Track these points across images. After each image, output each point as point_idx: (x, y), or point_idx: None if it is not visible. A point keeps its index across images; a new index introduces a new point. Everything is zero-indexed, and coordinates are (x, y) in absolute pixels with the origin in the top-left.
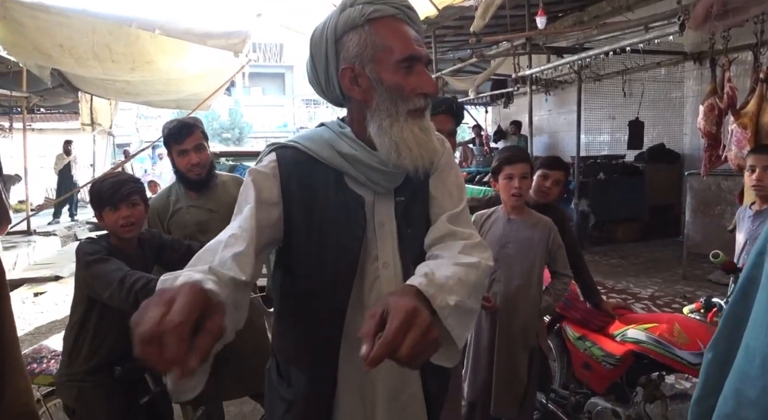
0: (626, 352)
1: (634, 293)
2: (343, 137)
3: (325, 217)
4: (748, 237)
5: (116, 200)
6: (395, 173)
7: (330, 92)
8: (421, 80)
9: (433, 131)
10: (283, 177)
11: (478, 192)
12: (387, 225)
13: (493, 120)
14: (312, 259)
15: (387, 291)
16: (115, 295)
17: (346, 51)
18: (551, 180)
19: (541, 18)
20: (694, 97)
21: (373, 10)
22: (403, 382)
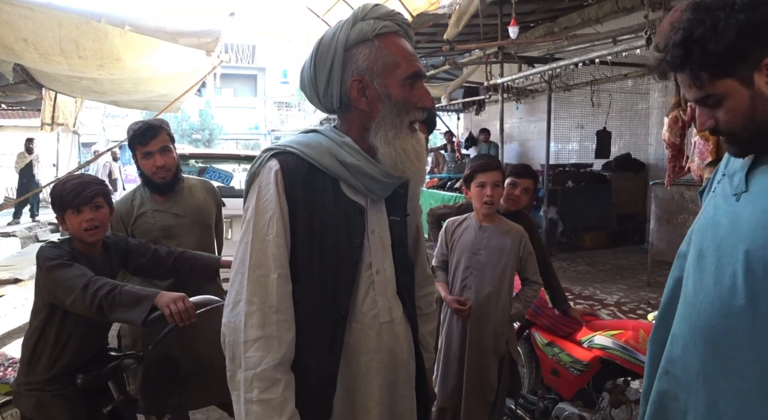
0: (593, 358)
1: (601, 299)
2: (344, 147)
3: (325, 224)
4: None
5: (79, 203)
6: (391, 183)
7: (326, 99)
8: (422, 95)
9: (424, 143)
10: (287, 185)
11: (449, 198)
12: (378, 233)
13: (465, 127)
14: (313, 266)
15: (380, 297)
16: (79, 301)
17: (355, 63)
18: (520, 188)
19: (513, 28)
20: (659, 108)
21: (383, 26)
22: (397, 390)
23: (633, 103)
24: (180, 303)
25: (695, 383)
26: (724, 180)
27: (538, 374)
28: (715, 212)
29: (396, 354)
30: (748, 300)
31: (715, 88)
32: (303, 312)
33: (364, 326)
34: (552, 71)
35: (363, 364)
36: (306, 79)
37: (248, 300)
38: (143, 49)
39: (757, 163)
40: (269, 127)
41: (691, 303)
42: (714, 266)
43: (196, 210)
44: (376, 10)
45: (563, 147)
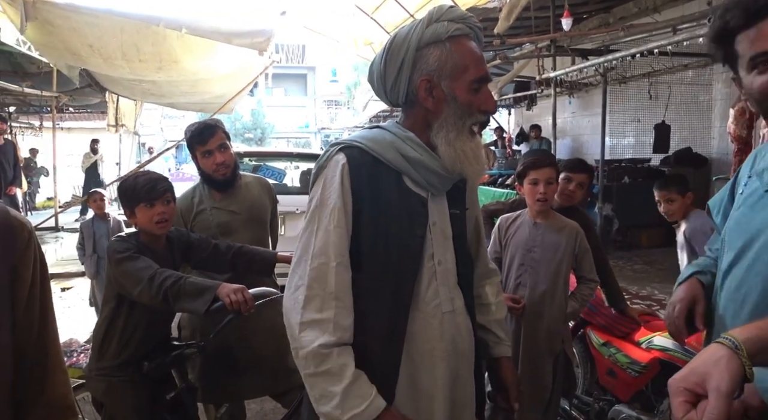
0: (652, 360)
1: (659, 300)
2: (408, 141)
3: (389, 215)
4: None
5: (153, 197)
6: (451, 178)
7: (392, 94)
8: (486, 99)
9: (482, 147)
10: (353, 178)
11: (501, 195)
12: (439, 225)
13: (516, 122)
14: (377, 256)
15: (442, 288)
16: (145, 292)
17: (425, 63)
18: (575, 183)
19: (566, 20)
20: (722, 100)
21: (456, 28)
22: (459, 379)
23: (694, 94)
24: (240, 294)
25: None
26: (753, 180)
27: (594, 375)
28: (747, 211)
29: (457, 343)
30: None
31: None
32: (366, 300)
33: (427, 315)
34: (607, 64)
35: (426, 352)
36: (375, 73)
37: (309, 285)
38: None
39: None
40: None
41: (732, 299)
42: (753, 260)
43: (252, 206)
44: (450, 12)
45: (618, 142)
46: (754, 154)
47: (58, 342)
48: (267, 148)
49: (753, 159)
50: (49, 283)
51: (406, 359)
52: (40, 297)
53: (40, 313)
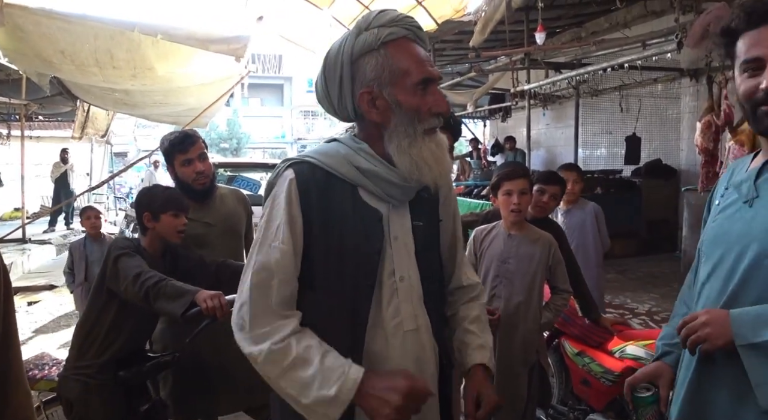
0: (625, 369)
1: (632, 308)
2: (361, 153)
3: (343, 231)
4: None
5: (181, 208)
6: (411, 187)
7: (342, 110)
8: (436, 100)
9: (445, 145)
10: (302, 193)
11: (476, 206)
12: (401, 239)
13: (491, 134)
14: (331, 274)
15: (404, 305)
16: (130, 287)
17: (363, 74)
18: (548, 194)
19: (540, 34)
20: (690, 113)
21: (388, 33)
22: (427, 404)
23: (663, 107)
24: (216, 299)
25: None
26: (729, 192)
27: (569, 384)
28: (725, 222)
29: (422, 363)
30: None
31: None
32: (320, 318)
33: (388, 334)
34: (579, 77)
35: None
36: (320, 92)
37: (253, 301)
38: (174, 58)
39: (762, 171)
40: (295, 136)
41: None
42: (728, 271)
43: (227, 218)
44: (380, 17)
45: (591, 153)
46: (732, 167)
47: (21, 363)
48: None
49: (731, 172)
50: (13, 298)
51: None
52: (3, 312)
53: (3, 329)
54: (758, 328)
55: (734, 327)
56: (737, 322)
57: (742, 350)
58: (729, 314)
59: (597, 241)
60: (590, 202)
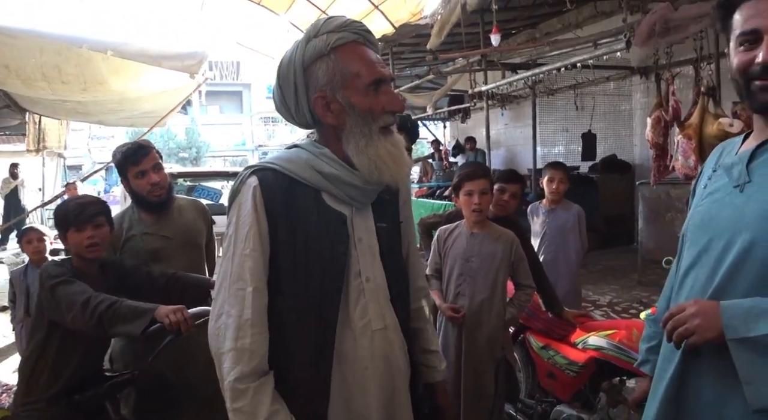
0: (588, 359)
1: (594, 301)
2: (322, 157)
3: (308, 235)
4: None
5: (82, 221)
6: (373, 190)
7: (300, 117)
8: (389, 99)
9: (402, 144)
10: (267, 200)
11: (439, 207)
12: (366, 240)
13: (452, 135)
14: (297, 277)
15: (372, 305)
16: (79, 316)
17: (316, 80)
18: (508, 193)
19: (495, 35)
20: (642, 109)
21: (337, 38)
22: (395, 397)
23: (616, 104)
24: (179, 313)
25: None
26: (718, 174)
27: (535, 378)
28: (712, 206)
29: (391, 361)
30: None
31: None
32: (289, 322)
33: (356, 334)
34: (535, 77)
35: (358, 372)
36: (277, 101)
37: (228, 312)
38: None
39: (755, 155)
40: (256, 143)
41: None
42: (715, 260)
43: (186, 231)
44: (328, 23)
45: (549, 151)
46: (720, 148)
47: None
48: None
49: (719, 153)
50: None
51: (339, 380)
52: None
53: None
54: (750, 322)
55: (725, 319)
56: (728, 314)
57: (733, 345)
58: (719, 306)
59: (578, 242)
60: (575, 205)
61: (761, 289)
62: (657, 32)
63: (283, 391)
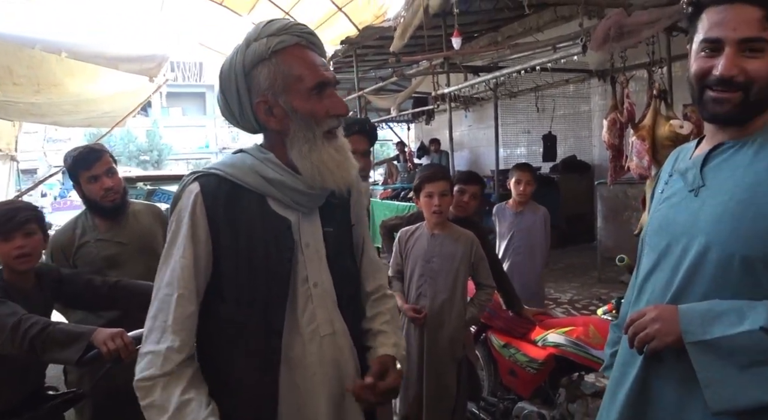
0: (548, 356)
1: (555, 298)
2: (267, 163)
3: (252, 241)
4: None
5: (9, 229)
6: (319, 194)
7: (245, 122)
8: (332, 103)
9: (347, 149)
10: (209, 206)
11: (404, 208)
12: (313, 245)
13: (417, 136)
14: (241, 284)
15: (320, 310)
16: (8, 342)
17: (257, 84)
18: (468, 194)
19: (456, 39)
20: (600, 111)
21: (277, 41)
22: (344, 402)
23: (575, 106)
24: (118, 339)
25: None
26: (674, 179)
27: (497, 376)
28: (669, 211)
29: (341, 366)
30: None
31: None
32: (234, 332)
33: (305, 340)
34: (496, 79)
35: (307, 379)
36: (222, 107)
37: (154, 316)
38: (84, 73)
39: (709, 159)
40: (220, 145)
41: (659, 302)
42: (674, 264)
43: (142, 236)
44: (268, 27)
45: (512, 152)
46: (676, 152)
47: None
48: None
49: (675, 157)
50: None
51: (288, 387)
52: None
53: None
54: (707, 325)
55: (683, 324)
56: (686, 318)
57: (691, 348)
58: (678, 310)
59: (544, 243)
60: (542, 207)
61: (717, 291)
62: (611, 37)
63: (228, 398)
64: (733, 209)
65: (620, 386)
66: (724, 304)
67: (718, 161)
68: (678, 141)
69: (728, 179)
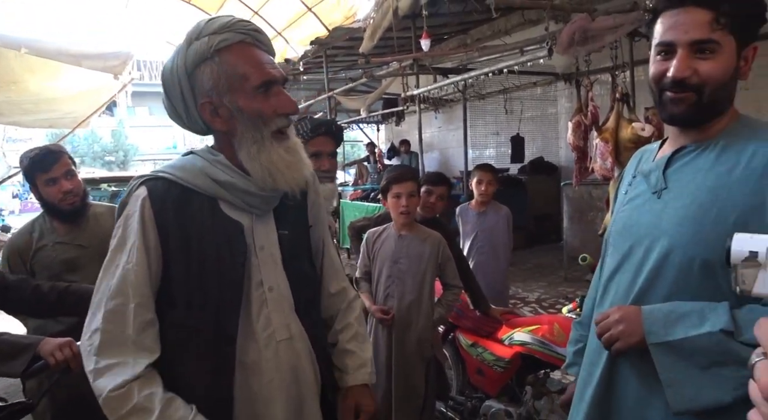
0: (514, 355)
1: (523, 297)
2: (217, 165)
3: (204, 246)
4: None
5: None
6: (272, 196)
7: (193, 124)
8: (280, 101)
9: (299, 150)
10: (157, 211)
11: (373, 209)
12: (267, 249)
13: (387, 137)
14: (193, 290)
15: (275, 315)
16: None
17: (201, 85)
18: (435, 195)
19: (425, 41)
20: (566, 113)
21: (220, 40)
22: (303, 408)
23: (543, 109)
24: (66, 349)
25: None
26: (638, 180)
27: (465, 375)
28: (633, 212)
29: (298, 371)
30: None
31: (722, 37)
32: (185, 337)
33: (260, 346)
34: (465, 81)
35: (263, 385)
36: (168, 109)
37: (104, 328)
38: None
39: (671, 161)
40: (189, 146)
41: (622, 303)
42: (636, 265)
43: (103, 239)
44: (210, 25)
45: (481, 153)
46: (639, 153)
47: None
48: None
49: (638, 159)
50: None
51: (244, 393)
52: None
53: None
54: (669, 326)
55: (646, 325)
56: (650, 319)
57: (654, 349)
58: (641, 311)
59: (507, 243)
60: (504, 207)
61: (679, 293)
62: (576, 41)
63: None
64: (694, 212)
65: (587, 386)
66: (685, 306)
67: (680, 164)
68: (640, 143)
69: (690, 182)
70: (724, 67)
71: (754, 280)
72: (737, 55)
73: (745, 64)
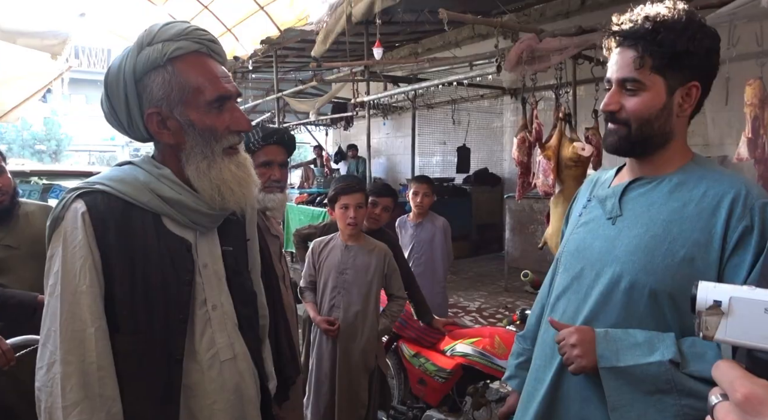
0: (456, 366)
1: (464, 306)
2: (163, 180)
3: (148, 265)
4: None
5: None
6: (219, 214)
7: (134, 132)
8: (234, 118)
9: (248, 165)
10: (97, 228)
11: (319, 214)
12: (211, 266)
13: (335, 141)
14: (137, 312)
15: (219, 334)
16: None
17: (150, 93)
18: (381, 207)
19: (377, 49)
20: (511, 127)
21: (175, 48)
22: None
23: (489, 121)
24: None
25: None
26: (593, 204)
27: (407, 385)
28: (587, 236)
29: (242, 391)
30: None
31: (646, 77)
32: (130, 362)
33: (203, 367)
34: (415, 91)
35: (206, 407)
36: (106, 112)
37: (64, 359)
38: None
39: (628, 189)
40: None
41: (570, 322)
42: (586, 289)
43: (34, 240)
44: (165, 31)
45: (428, 161)
46: (594, 177)
47: None
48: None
49: (593, 183)
50: None
51: (186, 417)
52: None
53: None
54: (621, 353)
55: (599, 349)
56: (602, 344)
57: (604, 373)
58: (595, 335)
59: (444, 254)
60: (441, 218)
61: (627, 319)
62: (524, 60)
63: None
64: (647, 243)
65: (531, 401)
66: (637, 335)
67: (635, 194)
68: (580, 162)
69: (644, 213)
70: (648, 105)
71: (716, 327)
72: (668, 93)
73: (684, 101)
